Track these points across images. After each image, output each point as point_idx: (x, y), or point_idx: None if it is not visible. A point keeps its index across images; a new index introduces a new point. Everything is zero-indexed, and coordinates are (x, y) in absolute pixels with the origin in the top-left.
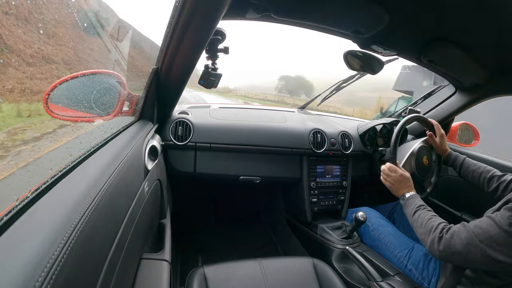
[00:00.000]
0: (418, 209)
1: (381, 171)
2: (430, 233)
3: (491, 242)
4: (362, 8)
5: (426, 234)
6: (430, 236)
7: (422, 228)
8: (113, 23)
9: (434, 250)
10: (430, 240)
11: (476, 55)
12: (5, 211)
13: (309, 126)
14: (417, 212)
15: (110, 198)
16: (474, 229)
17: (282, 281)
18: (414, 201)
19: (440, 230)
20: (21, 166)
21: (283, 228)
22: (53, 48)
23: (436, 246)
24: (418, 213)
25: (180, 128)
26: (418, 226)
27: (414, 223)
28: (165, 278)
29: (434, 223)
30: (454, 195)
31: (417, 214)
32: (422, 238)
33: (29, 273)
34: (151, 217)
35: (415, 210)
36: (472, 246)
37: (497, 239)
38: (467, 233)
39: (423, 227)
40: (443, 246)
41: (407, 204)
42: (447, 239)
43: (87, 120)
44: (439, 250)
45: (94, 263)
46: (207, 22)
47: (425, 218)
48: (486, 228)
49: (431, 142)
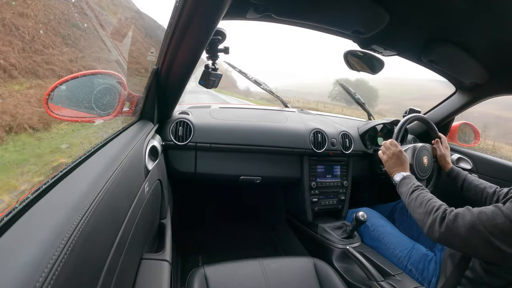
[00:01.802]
0: (416, 189)
1: (382, 145)
2: (431, 213)
3: (495, 230)
4: (362, 8)
5: (426, 214)
6: (431, 217)
7: (422, 208)
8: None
9: (434, 231)
10: (430, 221)
11: (476, 55)
12: (5, 212)
13: (310, 126)
14: (415, 191)
15: (110, 198)
16: (479, 214)
17: (283, 281)
18: (411, 181)
19: (442, 211)
20: None
21: (284, 228)
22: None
23: (437, 227)
24: (416, 192)
25: (180, 128)
26: (417, 206)
27: (411, 203)
28: (166, 278)
29: (436, 204)
30: (454, 195)
31: (415, 194)
32: (420, 218)
33: (29, 274)
34: (151, 217)
35: (413, 189)
36: (475, 230)
37: (502, 228)
38: (471, 217)
39: (423, 207)
40: (445, 228)
41: (403, 183)
42: (450, 220)
43: (88, 121)
44: (440, 232)
45: (94, 264)
46: (207, 22)
47: (425, 198)
48: (491, 216)
49: (437, 150)
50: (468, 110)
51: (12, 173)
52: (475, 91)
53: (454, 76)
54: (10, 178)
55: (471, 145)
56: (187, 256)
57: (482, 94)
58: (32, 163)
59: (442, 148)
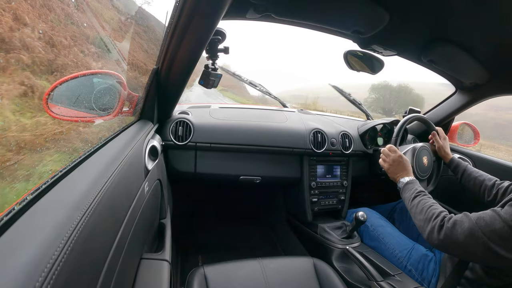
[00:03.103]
0: (418, 195)
1: (381, 152)
2: (430, 220)
3: (494, 236)
4: (362, 8)
5: (426, 221)
6: (430, 224)
7: (422, 214)
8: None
9: (433, 238)
10: (429, 228)
11: (476, 55)
12: (5, 211)
13: (310, 126)
14: (417, 197)
15: (110, 198)
16: (477, 220)
17: (283, 281)
18: (414, 186)
19: (441, 218)
20: None
21: (283, 227)
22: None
23: (435, 235)
24: (418, 198)
25: (180, 128)
26: (418, 213)
27: (412, 209)
28: (165, 278)
29: (436, 211)
30: (454, 195)
31: (417, 200)
32: (420, 225)
33: (29, 273)
34: (151, 217)
35: (415, 195)
36: (474, 237)
37: (500, 234)
38: (469, 224)
39: (423, 213)
40: (443, 235)
41: (406, 188)
42: (448, 228)
43: (87, 120)
44: (438, 239)
45: (94, 263)
46: (207, 22)
47: (426, 204)
48: (490, 221)
49: (435, 142)
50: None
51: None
52: (475, 91)
53: (454, 76)
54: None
55: (471, 145)
56: (186, 256)
57: (482, 94)
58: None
59: (440, 139)
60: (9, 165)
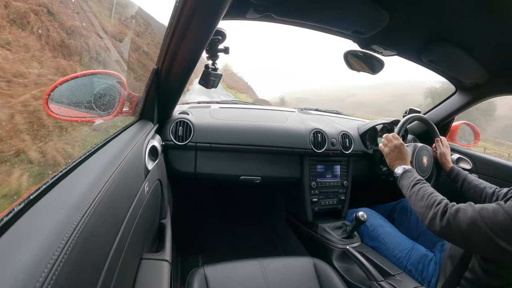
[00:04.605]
0: (418, 182)
1: (383, 137)
2: (432, 207)
3: (496, 227)
4: (362, 8)
5: (428, 207)
6: (432, 210)
7: (423, 201)
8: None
9: (435, 224)
10: (431, 214)
11: (476, 55)
12: (5, 211)
13: (310, 126)
14: (417, 185)
15: (110, 198)
16: (481, 210)
17: (283, 281)
18: (413, 175)
19: (444, 205)
20: None
21: (284, 228)
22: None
23: (438, 221)
24: (418, 186)
25: (180, 128)
26: (418, 199)
27: (412, 196)
28: (166, 278)
29: (437, 198)
30: (454, 195)
31: (417, 187)
32: (421, 211)
33: (29, 273)
34: (151, 217)
35: (415, 182)
36: (476, 226)
37: (502, 226)
38: (473, 213)
39: (424, 200)
40: (446, 222)
41: (405, 176)
42: (451, 214)
43: (87, 121)
44: (440, 225)
45: (94, 263)
46: (208, 22)
47: (427, 192)
48: (493, 212)
49: (437, 148)
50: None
51: None
52: (475, 91)
53: (454, 76)
54: None
55: (471, 145)
56: (187, 256)
57: (482, 94)
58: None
59: (442, 147)
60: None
